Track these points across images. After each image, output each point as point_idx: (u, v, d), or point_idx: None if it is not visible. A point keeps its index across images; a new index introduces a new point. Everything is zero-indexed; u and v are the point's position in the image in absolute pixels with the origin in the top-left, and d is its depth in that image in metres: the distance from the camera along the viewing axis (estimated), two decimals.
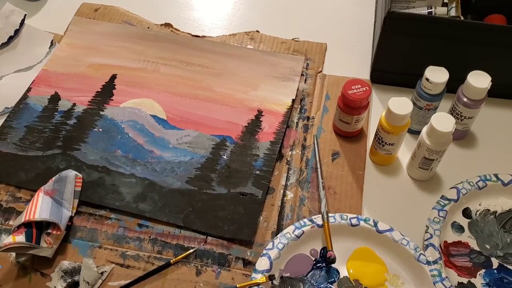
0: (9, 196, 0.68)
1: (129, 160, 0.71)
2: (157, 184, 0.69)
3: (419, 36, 0.72)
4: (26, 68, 0.83)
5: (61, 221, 0.62)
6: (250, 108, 0.77)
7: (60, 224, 0.61)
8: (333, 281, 0.61)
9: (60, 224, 0.61)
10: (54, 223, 0.61)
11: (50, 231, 0.61)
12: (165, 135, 0.74)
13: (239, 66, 0.83)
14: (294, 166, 0.71)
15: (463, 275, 0.62)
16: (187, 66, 0.83)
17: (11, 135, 0.74)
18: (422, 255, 0.60)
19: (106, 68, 0.82)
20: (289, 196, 0.69)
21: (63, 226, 0.62)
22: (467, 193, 0.66)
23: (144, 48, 0.85)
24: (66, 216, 0.63)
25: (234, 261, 0.63)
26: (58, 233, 0.61)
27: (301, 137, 0.75)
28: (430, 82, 0.66)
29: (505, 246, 0.64)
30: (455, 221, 0.66)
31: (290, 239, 0.62)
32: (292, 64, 0.83)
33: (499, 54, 0.72)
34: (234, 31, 0.88)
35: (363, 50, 0.86)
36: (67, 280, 0.60)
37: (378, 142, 0.69)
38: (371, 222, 0.63)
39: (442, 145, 0.64)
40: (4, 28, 0.85)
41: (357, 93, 0.67)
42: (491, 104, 0.75)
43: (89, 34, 0.87)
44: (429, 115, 0.69)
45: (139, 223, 0.66)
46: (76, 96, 0.78)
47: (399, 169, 0.72)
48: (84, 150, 0.72)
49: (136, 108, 0.77)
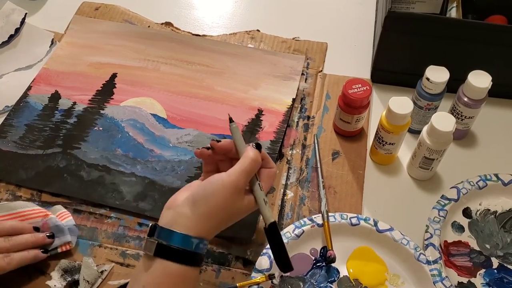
0: (9, 195, 0.68)
1: (129, 159, 0.71)
2: (157, 183, 0.69)
3: (420, 35, 0.72)
4: (27, 67, 0.83)
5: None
6: (251, 107, 0.77)
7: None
8: (333, 280, 0.61)
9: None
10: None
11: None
12: (166, 134, 0.74)
13: (240, 65, 0.83)
14: (294, 166, 0.71)
15: (463, 274, 0.62)
16: (188, 65, 0.83)
17: (11, 134, 0.74)
18: (422, 255, 0.60)
19: (106, 67, 0.82)
20: (289, 195, 0.69)
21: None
22: (468, 192, 0.66)
23: (144, 47, 0.85)
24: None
25: (234, 260, 0.63)
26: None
27: (301, 136, 0.75)
28: (430, 82, 0.66)
29: (505, 246, 0.64)
30: (455, 221, 0.66)
31: (290, 238, 0.62)
32: (292, 63, 0.82)
33: (500, 54, 0.72)
34: (235, 30, 0.88)
35: (364, 50, 0.86)
36: (67, 279, 0.60)
37: (378, 141, 0.69)
38: (371, 222, 0.63)
39: (442, 144, 0.64)
40: (5, 27, 0.85)
41: (358, 93, 0.67)
42: (491, 104, 0.75)
43: (89, 33, 0.87)
44: (430, 114, 0.69)
45: (139, 222, 0.66)
46: (77, 94, 0.78)
47: (399, 169, 0.72)
48: (84, 149, 0.72)
49: (136, 107, 0.77)
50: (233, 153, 0.56)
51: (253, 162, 0.52)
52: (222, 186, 0.51)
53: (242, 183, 0.51)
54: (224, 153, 0.56)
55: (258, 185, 0.54)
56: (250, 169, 0.52)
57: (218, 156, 0.57)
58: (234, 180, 0.51)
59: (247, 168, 0.52)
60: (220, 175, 0.52)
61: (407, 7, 0.83)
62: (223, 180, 0.51)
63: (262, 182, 0.55)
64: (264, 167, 0.56)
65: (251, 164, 0.52)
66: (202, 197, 0.51)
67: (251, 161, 0.52)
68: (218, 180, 0.51)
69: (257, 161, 0.53)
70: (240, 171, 0.51)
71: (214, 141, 0.55)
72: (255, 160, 0.53)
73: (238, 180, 0.51)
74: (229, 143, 0.56)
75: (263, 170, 0.56)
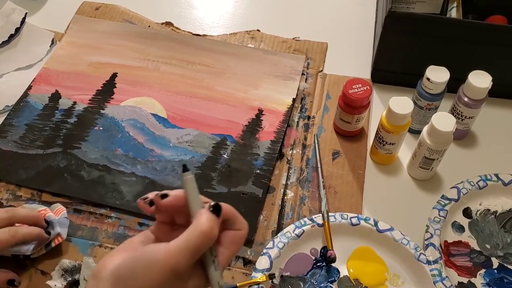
0: (9, 195, 0.68)
1: (130, 158, 0.71)
2: (158, 183, 0.69)
3: (420, 35, 0.72)
4: (27, 66, 0.83)
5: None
6: (251, 107, 0.77)
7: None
8: (333, 280, 0.61)
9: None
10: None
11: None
12: (166, 133, 0.74)
13: (240, 65, 0.83)
14: (294, 165, 0.71)
15: (463, 274, 0.62)
16: (188, 65, 0.83)
17: (11, 133, 0.74)
18: (422, 255, 0.60)
19: (106, 67, 0.82)
20: (290, 195, 0.69)
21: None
22: (468, 192, 0.66)
23: (144, 47, 0.85)
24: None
25: (234, 260, 0.63)
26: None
27: (301, 136, 0.75)
28: (431, 82, 0.66)
29: (505, 246, 0.64)
30: (455, 221, 0.66)
31: (291, 238, 0.62)
32: (292, 63, 0.83)
33: (500, 54, 0.72)
34: (235, 30, 0.88)
35: (364, 50, 0.86)
36: (67, 279, 0.60)
37: (378, 141, 0.69)
38: (371, 222, 0.63)
39: (442, 144, 0.64)
40: (5, 27, 0.85)
41: (358, 93, 0.67)
42: (491, 104, 0.75)
43: (89, 33, 0.87)
44: (430, 114, 0.69)
45: (140, 221, 0.66)
46: (77, 94, 0.78)
47: (399, 169, 0.72)
48: (85, 149, 0.72)
49: (136, 107, 0.77)
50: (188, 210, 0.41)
51: (203, 236, 0.37)
52: (155, 267, 0.37)
53: (183, 265, 0.37)
54: (173, 211, 0.42)
55: (212, 262, 0.39)
56: (197, 245, 0.37)
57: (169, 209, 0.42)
58: (172, 263, 0.37)
59: (192, 244, 0.37)
60: (157, 249, 0.38)
61: (407, 7, 0.83)
62: (158, 260, 0.37)
63: (224, 249, 0.40)
64: (228, 229, 0.41)
65: (200, 239, 0.37)
66: (128, 277, 0.38)
67: (200, 234, 0.37)
68: (151, 258, 0.37)
69: (209, 235, 0.37)
70: (182, 249, 0.37)
71: (157, 197, 0.40)
72: (206, 233, 0.37)
73: (177, 261, 0.37)
74: (177, 201, 0.40)
75: (226, 233, 0.41)
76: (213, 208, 0.39)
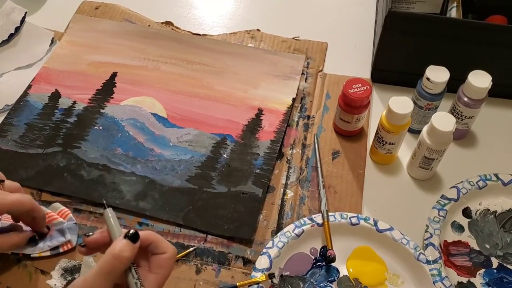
0: None
1: (130, 158, 0.71)
2: (157, 182, 0.69)
3: (420, 35, 0.72)
4: (27, 66, 0.83)
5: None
6: (251, 107, 0.77)
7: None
8: (333, 280, 0.61)
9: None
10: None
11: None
12: (166, 133, 0.74)
13: (240, 65, 0.83)
14: (294, 165, 0.71)
15: (463, 274, 0.62)
16: (188, 64, 0.83)
17: (11, 133, 0.74)
18: (422, 255, 0.61)
19: (106, 66, 0.82)
20: (289, 194, 0.69)
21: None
22: (467, 192, 0.67)
23: (144, 46, 0.85)
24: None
25: (234, 259, 0.63)
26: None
27: (301, 136, 0.75)
28: (430, 82, 0.66)
29: (505, 246, 0.64)
30: (455, 221, 0.66)
31: (290, 238, 0.62)
32: (292, 63, 0.83)
33: (500, 54, 0.72)
34: (235, 29, 0.88)
35: (364, 49, 0.86)
36: (67, 278, 0.60)
37: (378, 141, 0.69)
38: (371, 221, 0.63)
39: (442, 144, 0.64)
40: (5, 26, 0.85)
41: (358, 92, 0.67)
42: (491, 103, 0.75)
43: (89, 32, 0.86)
44: (430, 114, 0.69)
45: (139, 221, 0.66)
46: (77, 94, 0.78)
47: (399, 169, 0.72)
48: (85, 148, 0.72)
49: (136, 106, 0.77)
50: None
51: (113, 258, 0.42)
52: None
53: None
54: (102, 246, 0.45)
55: (135, 284, 0.43)
56: (109, 268, 0.41)
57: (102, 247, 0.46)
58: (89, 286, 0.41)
59: (104, 268, 0.41)
60: (78, 280, 0.42)
61: (407, 7, 0.83)
62: (78, 287, 0.42)
63: (151, 274, 0.44)
64: (155, 253, 0.45)
65: (111, 261, 0.41)
66: None
67: (111, 257, 0.42)
68: (73, 286, 0.42)
69: (118, 256, 0.42)
70: (97, 273, 0.41)
71: (84, 237, 0.45)
72: (116, 255, 0.42)
73: (94, 286, 0.41)
74: (100, 237, 0.45)
75: (153, 257, 0.45)
76: (129, 235, 0.43)
